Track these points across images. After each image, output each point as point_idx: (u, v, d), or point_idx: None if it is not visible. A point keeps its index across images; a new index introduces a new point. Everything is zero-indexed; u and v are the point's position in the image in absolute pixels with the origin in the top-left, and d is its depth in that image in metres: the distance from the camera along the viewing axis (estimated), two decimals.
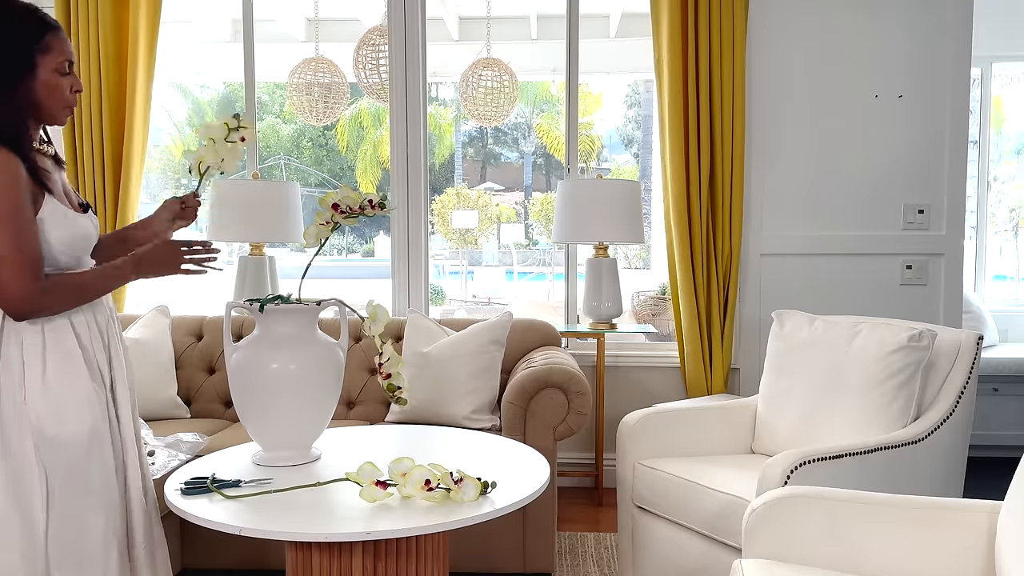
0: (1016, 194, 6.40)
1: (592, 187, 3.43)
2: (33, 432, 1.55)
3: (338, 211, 1.86)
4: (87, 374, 1.63)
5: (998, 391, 4.14)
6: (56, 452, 1.57)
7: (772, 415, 2.50)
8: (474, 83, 4.44)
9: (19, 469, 1.55)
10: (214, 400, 3.16)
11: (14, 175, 1.50)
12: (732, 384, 3.61)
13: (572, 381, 2.60)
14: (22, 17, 1.55)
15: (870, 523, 1.60)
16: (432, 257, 4.16)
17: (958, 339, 2.33)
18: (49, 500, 1.57)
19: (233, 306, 1.91)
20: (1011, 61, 4.98)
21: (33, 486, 1.55)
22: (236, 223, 3.39)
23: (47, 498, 1.56)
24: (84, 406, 1.61)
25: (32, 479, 1.55)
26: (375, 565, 1.61)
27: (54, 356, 1.59)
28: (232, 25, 6.73)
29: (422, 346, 2.99)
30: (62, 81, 1.62)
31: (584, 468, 3.72)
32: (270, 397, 1.83)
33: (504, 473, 1.82)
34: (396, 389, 1.90)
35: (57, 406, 1.57)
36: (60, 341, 1.60)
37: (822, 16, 3.49)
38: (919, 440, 2.15)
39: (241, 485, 1.74)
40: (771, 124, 3.53)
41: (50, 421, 1.56)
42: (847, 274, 3.55)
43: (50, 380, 1.57)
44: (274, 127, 17.36)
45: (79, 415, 1.60)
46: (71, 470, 1.58)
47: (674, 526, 2.31)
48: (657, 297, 7.48)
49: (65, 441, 1.57)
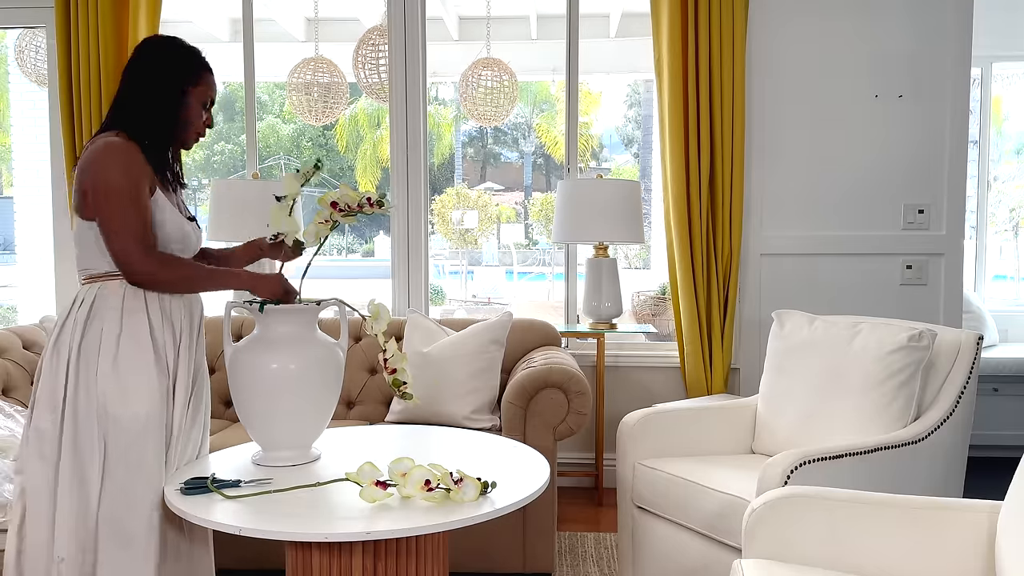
0: (1016, 194, 6.40)
1: (592, 187, 3.43)
2: (97, 407, 1.71)
3: (337, 209, 1.86)
4: (154, 364, 1.76)
5: (998, 391, 4.14)
6: (116, 430, 1.72)
7: (772, 415, 2.50)
8: (474, 83, 4.44)
9: (83, 439, 1.72)
10: (214, 400, 3.16)
11: (134, 157, 1.72)
12: (732, 384, 3.61)
13: (572, 381, 2.60)
14: (186, 53, 1.85)
15: (870, 523, 1.60)
16: (432, 257, 4.16)
17: (958, 339, 2.33)
18: (104, 475, 1.71)
19: (233, 306, 1.91)
20: (1011, 61, 4.98)
21: (93, 456, 1.71)
22: (236, 223, 3.39)
23: (103, 472, 1.71)
24: (144, 392, 1.74)
25: (92, 450, 1.71)
26: (375, 565, 1.61)
27: (127, 343, 1.75)
28: (232, 25, 6.73)
29: (422, 346, 2.99)
30: (201, 113, 1.88)
31: (584, 468, 3.72)
32: (270, 397, 1.83)
33: (504, 473, 1.82)
34: (402, 384, 1.90)
35: (122, 388, 1.73)
36: (135, 330, 1.75)
37: (822, 16, 3.49)
38: (919, 440, 2.15)
39: (241, 485, 1.74)
40: (771, 124, 3.53)
41: (113, 400, 1.72)
42: (847, 274, 3.55)
43: (120, 363, 1.73)
44: (274, 127, 17.36)
45: (139, 399, 1.74)
46: (127, 449, 1.73)
47: (674, 526, 2.31)
48: (657, 297, 7.48)
49: (124, 421, 1.72)
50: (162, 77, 1.80)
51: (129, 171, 1.71)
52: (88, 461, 1.71)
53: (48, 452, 1.72)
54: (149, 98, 1.79)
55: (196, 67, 1.85)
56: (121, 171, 1.70)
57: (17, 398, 2.83)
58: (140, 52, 1.83)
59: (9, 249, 13.46)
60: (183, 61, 1.83)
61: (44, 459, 1.72)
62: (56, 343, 1.75)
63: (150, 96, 1.79)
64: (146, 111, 1.78)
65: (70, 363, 1.73)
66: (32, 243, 6.48)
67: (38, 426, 1.73)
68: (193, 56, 1.85)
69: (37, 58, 4.38)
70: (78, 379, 1.72)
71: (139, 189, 1.72)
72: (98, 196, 1.70)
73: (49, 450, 1.72)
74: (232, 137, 17.04)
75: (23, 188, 6.50)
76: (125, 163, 1.71)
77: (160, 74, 1.80)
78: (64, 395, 1.73)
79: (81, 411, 1.72)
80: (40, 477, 1.72)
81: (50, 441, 1.72)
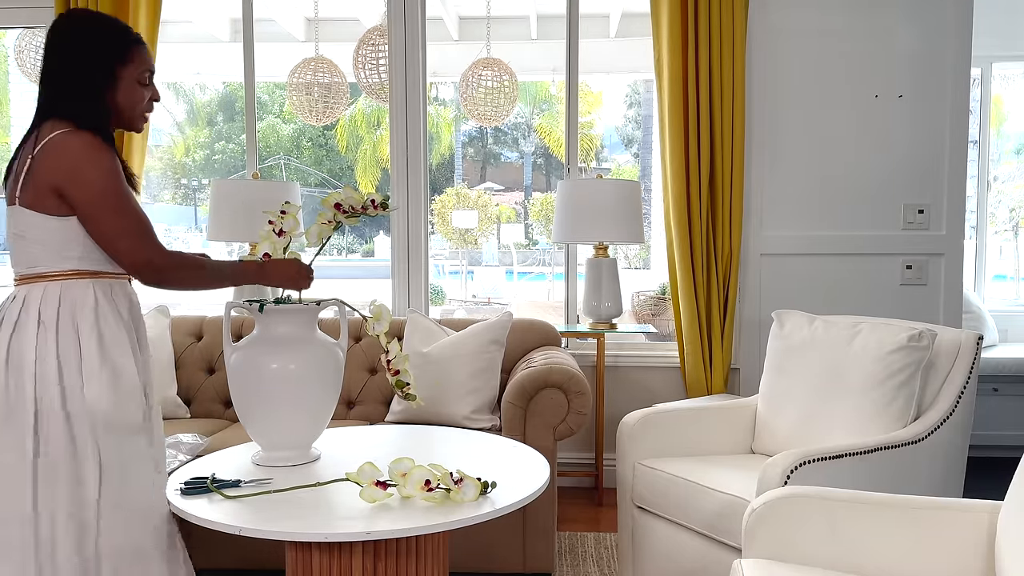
0: (1016, 194, 6.40)
1: (592, 187, 3.43)
2: (89, 418, 1.62)
3: (341, 211, 1.86)
4: (134, 364, 1.70)
5: (998, 391, 4.14)
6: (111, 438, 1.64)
7: (772, 415, 2.50)
8: (474, 83, 4.44)
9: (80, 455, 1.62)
10: (214, 400, 3.16)
11: (109, 154, 1.64)
12: (732, 384, 3.61)
13: (572, 381, 2.60)
14: (106, 29, 1.70)
15: (870, 523, 1.60)
16: (432, 257, 4.15)
17: (958, 339, 2.33)
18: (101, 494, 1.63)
19: (233, 306, 1.91)
20: (1011, 61, 4.98)
21: (90, 474, 1.62)
22: (236, 223, 3.39)
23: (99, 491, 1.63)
24: (133, 393, 1.68)
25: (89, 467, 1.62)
26: (375, 565, 1.61)
27: (111, 344, 1.67)
28: (232, 25, 6.73)
29: (422, 346, 2.99)
30: (142, 91, 1.75)
31: (584, 468, 3.72)
32: (270, 397, 1.83)
33: (504, 473, 1.82)
34: (405, 385, 1.90)
35: (113, 392, 1.64)
36: (114, 331, 1.68)
37: (822, 16, 3.49)
38: (919, 440, 2.15)
39: (241, 485, 1.74)
40: (771, 124, 3.53)
41: (106, 407, 1.63)
42: (847, 274, 3.55)
43: (107, 366, 1.64)
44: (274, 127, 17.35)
45: (131, 402, 1.68)
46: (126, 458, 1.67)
47: (674, 526, 2.31)
48: (657, 297, 7.48)
49: (120, 428, 1.65)
50: (88, 61, 1.66)
51: (114, 169, 1.63)
52: (89, 475, 1.60)
53: (21, 482, 1.57)
54: (82, 87, 1.66)
55: (121, 42, 1.70)
56: (107, 170, 1.61)
57: None
58: (59, 31, 1.68)
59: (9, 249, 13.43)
60: (105, 41, 1.68)
61: (16, 491, 1.57)
62: (7, 356, 1.60)
63: (82, 85, 1.66)
64: (84, 100, 1.66)
65: (39, 375, 1.59)
66: None
67: (5, 461, 1.57)
68: (115, 29, 1.70)
69: (37, 58, 4.38)
70: (63, 388, 1.59)
71: (124, 183, 1.65)
72: (94, 201, 1.60)
73: (24, 479, 1.57)
74: (232, 137, 17.05)
75: None
76: (108, 161, 1.62)
77: (85, 58, 1.66)
78: (35, 413, 1.58)
79: (74, 422, 1.60)
80: (16, 509, 1.57)
81: (23, 470, 1.57)
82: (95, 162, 1.61)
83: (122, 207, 1.63)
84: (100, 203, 1.61)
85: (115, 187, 1.62)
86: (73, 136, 1.61)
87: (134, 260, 1.64)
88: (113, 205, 1.62)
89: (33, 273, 1.65)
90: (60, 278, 1.65)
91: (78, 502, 1.60)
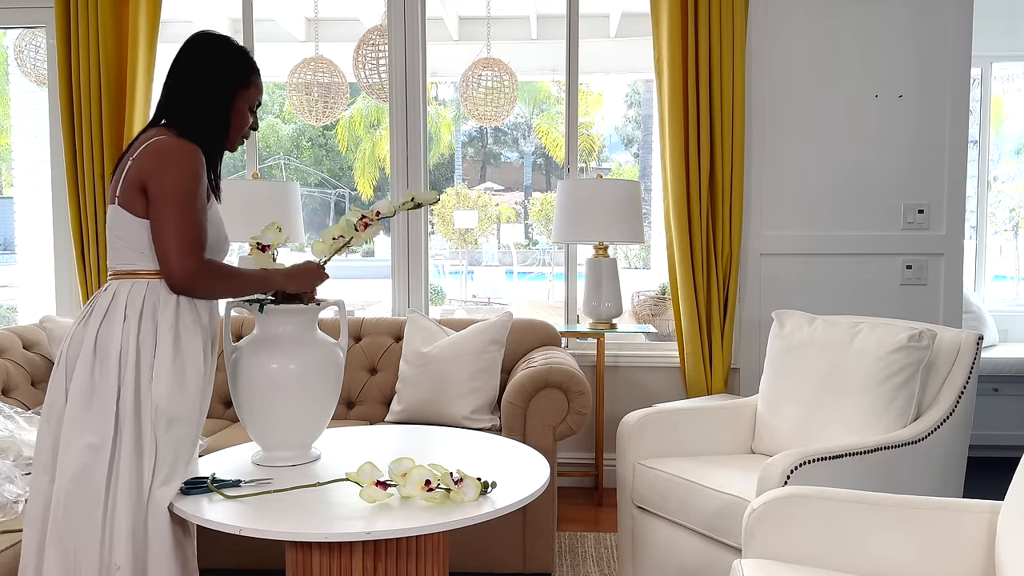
0: (1016, 194, 6.40)
1: (592, 187, 3.43)
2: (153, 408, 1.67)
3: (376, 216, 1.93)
4: (202, 364, 1.75)
5: (998, 391, 4.14)
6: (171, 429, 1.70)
7: (772, 415, 2.50)
8: (474, 83, 4.44)
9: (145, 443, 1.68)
10: (214, 400, 3.16)
11: (199, 163, 1.70)
12: (732, 384, 3.61)
13: (572, 381, 2.60)
14: (234, 55, 1.82)
15: (870, 523, 1.60)
16: (432, 257, 4.15)
17: (958, 339, 2.33)
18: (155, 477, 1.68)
19: (233, 306, 1.92)
20: (1011, 61, 4.98)
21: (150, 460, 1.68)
22: (236, 223, 3.39)
23: (153, 474, 1.68)
24: (197, 393, 1.74)
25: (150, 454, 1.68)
26: (375, 565, 1.61)
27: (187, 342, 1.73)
28: (232, 24, 6.72)
29: (422, 346, 2.99)
30: (248, 117, 1.86)
31: (584, 468, 3.72)
32: (270, 397, 1.83)
33: (504, 473, 1.82)
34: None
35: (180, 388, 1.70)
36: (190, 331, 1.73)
37: (822, 16, 3.49)
38: (919, 440, 2.15)
39: (241, 485, 1.74)
40: (771, 124, 3.53)
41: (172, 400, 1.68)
42: (847, 274, 3.55)
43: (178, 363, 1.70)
44: (274, 127, 17.36)
45: (192, 399, 1.73)
46: (178, 447, 1.71)
47: (674, 526, 2.31)
48: (657, 297, 7.49)
49: (181, 421, 1.71)
50: (213, 81, 1.77)
51: (197, 175, 1.68)
52: (147, 466, 1.67)
53: (101, 464, 1.64)
54: (200, 103, 1.76)
55: (246, 69, 1.82)
56: (190, 174, 1.67)
57: (17, 398, 2.83)
58: (191, 49, 1.79)
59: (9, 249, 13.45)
60: (235, 65, 1.80)
61: (94, 471, 1.64)
62: (96, 344, 1.67)
63: (201, 101, 1.76)
64: (198, 115, 1.76)
65: (123, 364, 1.67)
66: (32, 243, 6.48)
67: (90, 442, 1.64)
68: (243, 56, 1.82)
69: (37, 58, 4.38)
70: (138, 380, 1.67)
71: (200, 194, 1.70)
72: (165, 198, 1.65)
73: (103, 461, 1.64)
74: None
75: (23, 188, 6.50)
76: (195, 167, 1.68)
77: (211, 77, 1.77)
78: (118, 399, 1.66)
79: (143, 414, 1.67)
80: (92, 489, 1.64)
81: (104, 452, 1.64)
82: (181, 164, 1.67)
83: (188, 210, 1.67)
84: (171, 200, 1.65)
85: (190, 190, 1.67)
86: (171, 140, 1.70)
87: (181, 265, 1.66)
88: (181, 206, 1.66)
89: (124, 270, 1.73)
90: (148, 277, 1.72)
91: (137, 490, 1.66)
